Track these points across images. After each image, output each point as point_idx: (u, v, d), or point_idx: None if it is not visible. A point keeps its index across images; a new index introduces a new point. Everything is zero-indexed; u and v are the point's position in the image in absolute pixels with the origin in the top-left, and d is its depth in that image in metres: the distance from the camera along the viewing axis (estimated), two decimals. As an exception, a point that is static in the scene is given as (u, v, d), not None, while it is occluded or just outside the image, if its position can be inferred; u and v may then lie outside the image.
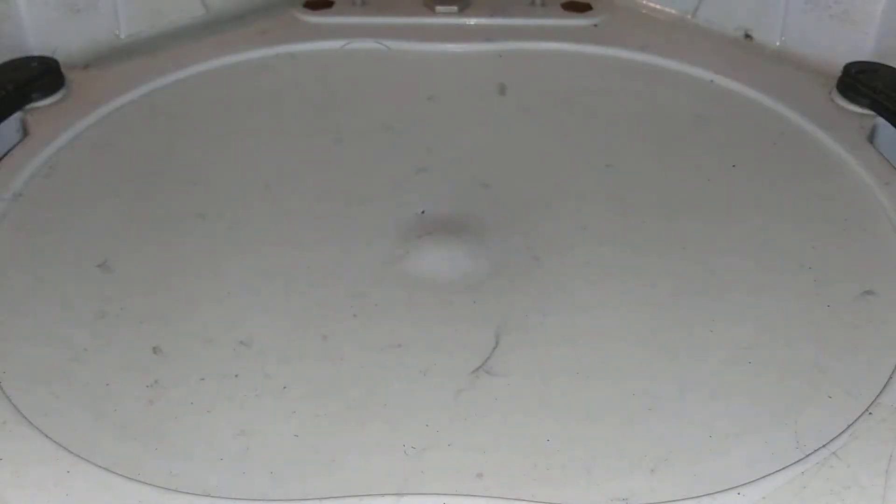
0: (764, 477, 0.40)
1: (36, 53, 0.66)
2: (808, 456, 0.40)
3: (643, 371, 0.45)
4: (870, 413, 0.42)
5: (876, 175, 0.57)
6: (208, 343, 0.47)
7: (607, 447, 0.42)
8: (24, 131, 0.61)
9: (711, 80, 0.66)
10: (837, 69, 0.64)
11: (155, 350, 0.46)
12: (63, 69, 0.64)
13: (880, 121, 0.61)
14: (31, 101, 0.62)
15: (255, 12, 0.73)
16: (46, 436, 0.41)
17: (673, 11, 0.74)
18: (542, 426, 0.43)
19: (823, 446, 0.41)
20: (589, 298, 0.50)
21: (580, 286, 0.50)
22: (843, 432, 0.42)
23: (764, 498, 0.39)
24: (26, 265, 0.51)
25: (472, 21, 0.73)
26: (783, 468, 0.40)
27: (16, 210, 0.54)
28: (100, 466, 0.40)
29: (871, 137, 0.61)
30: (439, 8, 0.74)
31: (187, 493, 0.39)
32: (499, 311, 0.48)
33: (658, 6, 0.74)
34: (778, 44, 0.70)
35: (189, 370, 0.45)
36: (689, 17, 0.73)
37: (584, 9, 0.74)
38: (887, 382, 0.44)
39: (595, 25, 0.72)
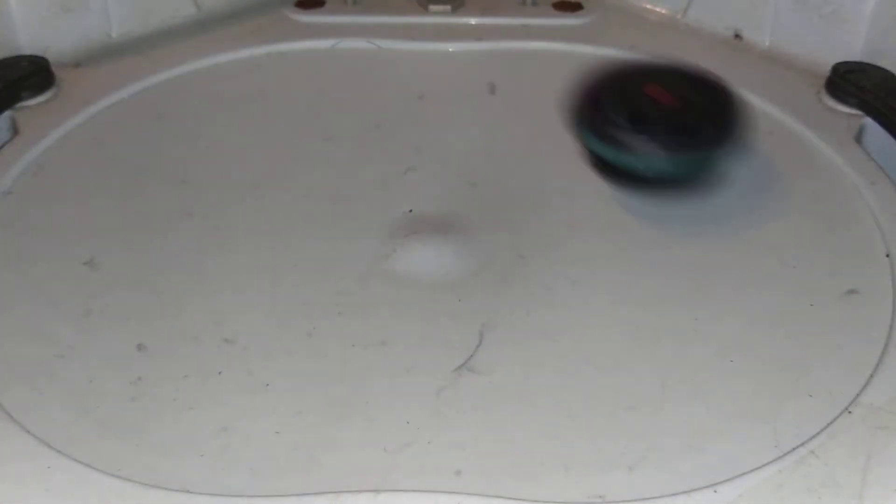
0: (741, 475, 0.40)
1: (27, 52, 0.66)
2: (785, 454, 0.41)
3: (625, 369, 0.46)
4: (849, 412, 0.42)
5: (863, 175, 0.57)
6: (193, 340, 0.47)
7: (586, 444, 0.42)
8: (14, 130, 0.61)
9: (701, 80, 0.66)
10: (826, 69, 0.64)
11: (139, 347, 0.46)
12: (53, 68, 0.64)
13: (868, 121, 0.61)
14: (20, 99, 0.62)
15: (247, 11, 0.73)
16: (28, 431, 0.42)
17: (663, 11, 0.74)
18: (521, 423, 0.43)
19: (802, 444, 0.41)
20: (573, 297, 0.50)
21: (565, 284, 0.50)
22: (821, 431, 0.42)
23: (740, 496, 0.39)
24: (13, 262, 0.51)
25: (463, 20, 0.73)
26: (761, 466, 0.40)
27: (4, 207, 0.55)
28: (80, 462, 0.40)
29: (859, 137, 0.61)
30: (433, 7, 0.74)
31: (166, 488, 0.39)
32: (483, 309, 0.49)
33: (648, 6, 0.74)
34: (767, 43, 0.70)
35: (173, 367, 0.45)
36: (678, 16, 0.73)
37: (575, 8, 0.74)
38: (868, 381, 0.44)
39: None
